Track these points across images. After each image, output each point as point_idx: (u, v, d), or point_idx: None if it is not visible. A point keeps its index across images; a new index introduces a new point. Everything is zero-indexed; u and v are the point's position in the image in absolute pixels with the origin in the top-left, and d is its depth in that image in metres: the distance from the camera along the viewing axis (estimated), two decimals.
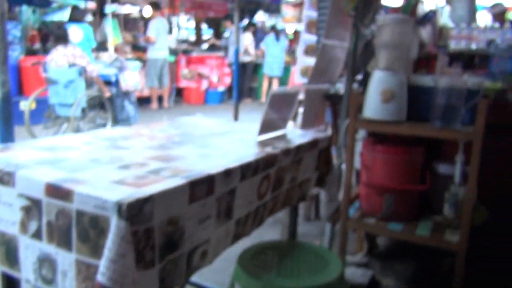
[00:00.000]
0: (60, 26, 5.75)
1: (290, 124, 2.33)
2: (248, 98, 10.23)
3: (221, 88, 9.85)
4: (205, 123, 2.24)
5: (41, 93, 6.40)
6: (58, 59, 5.27)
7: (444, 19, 3.01)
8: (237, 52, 4.04)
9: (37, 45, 9.66)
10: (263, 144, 1.78)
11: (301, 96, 2.74)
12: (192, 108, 9.09)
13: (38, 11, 14.36)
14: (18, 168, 1.29)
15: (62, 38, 5.40)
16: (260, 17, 14.35)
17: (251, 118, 7.64)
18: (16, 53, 7.55)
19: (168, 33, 8.57)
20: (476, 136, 1.92)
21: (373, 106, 2.10)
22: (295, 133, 2.05)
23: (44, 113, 5.78)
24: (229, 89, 10.06)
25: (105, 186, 1.18)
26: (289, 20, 12.82)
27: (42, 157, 1.43)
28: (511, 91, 2.69)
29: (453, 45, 3.11)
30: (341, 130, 2.54)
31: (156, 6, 8.38)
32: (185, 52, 10.04)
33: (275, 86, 9.82)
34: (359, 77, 2.69)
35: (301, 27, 5.06)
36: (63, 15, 13.91)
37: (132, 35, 9.00)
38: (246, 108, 9.05)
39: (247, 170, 1.50)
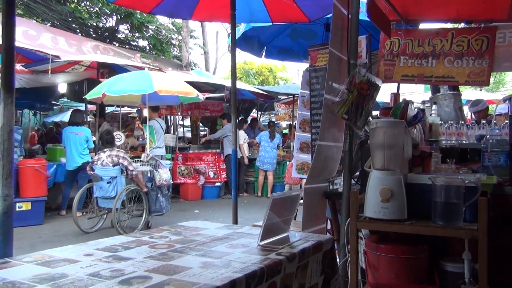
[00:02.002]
0: (109, 132, 6.83)
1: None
2: (245, 193, 10.28)
3: (218, 183, 9.91)
4: (204, 226, 2.22)
5: (37, 194, 6.62)
6: (103, 159, 6.15)
7: (433, 116, 3.14)
8: (234, 152, 4.14)
9: (36, 146, 9.86)
10: (266, 249, 1.75)
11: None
12: (189, 204, 9.04)
13: (39, 114, 14.91)
14: None
15: (109, 142, 6.42)
16: (254, 113, 14.94)
17: (249, 213, 7.58)
18: (15, 156, 7.72)
19: (165, 132, 8.86)
20: (481, 234, 1.91)
21: (373, 206, 2.10)
22: (297, 236, 2.03)
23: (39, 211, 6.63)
24: (226, 184, 10.11)
25: None
26: (282, 117, 13.37)
27: (38, 273, 1.38)
28: (507, 184, 2.73)
29: (444, 141, 3.21)
30: (342, 229, 2.51)
31: (155, 109, 8.76)
32: (182, 149, 10.26)
33: (270, 179, 9.92)
34: (357, 174, 2.73)
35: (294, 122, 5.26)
36: (64, 117, 14.42)
37: (133, 135, 9.47)
38: (243, 202, 9.01)
39: (252, 280, 1.45)
